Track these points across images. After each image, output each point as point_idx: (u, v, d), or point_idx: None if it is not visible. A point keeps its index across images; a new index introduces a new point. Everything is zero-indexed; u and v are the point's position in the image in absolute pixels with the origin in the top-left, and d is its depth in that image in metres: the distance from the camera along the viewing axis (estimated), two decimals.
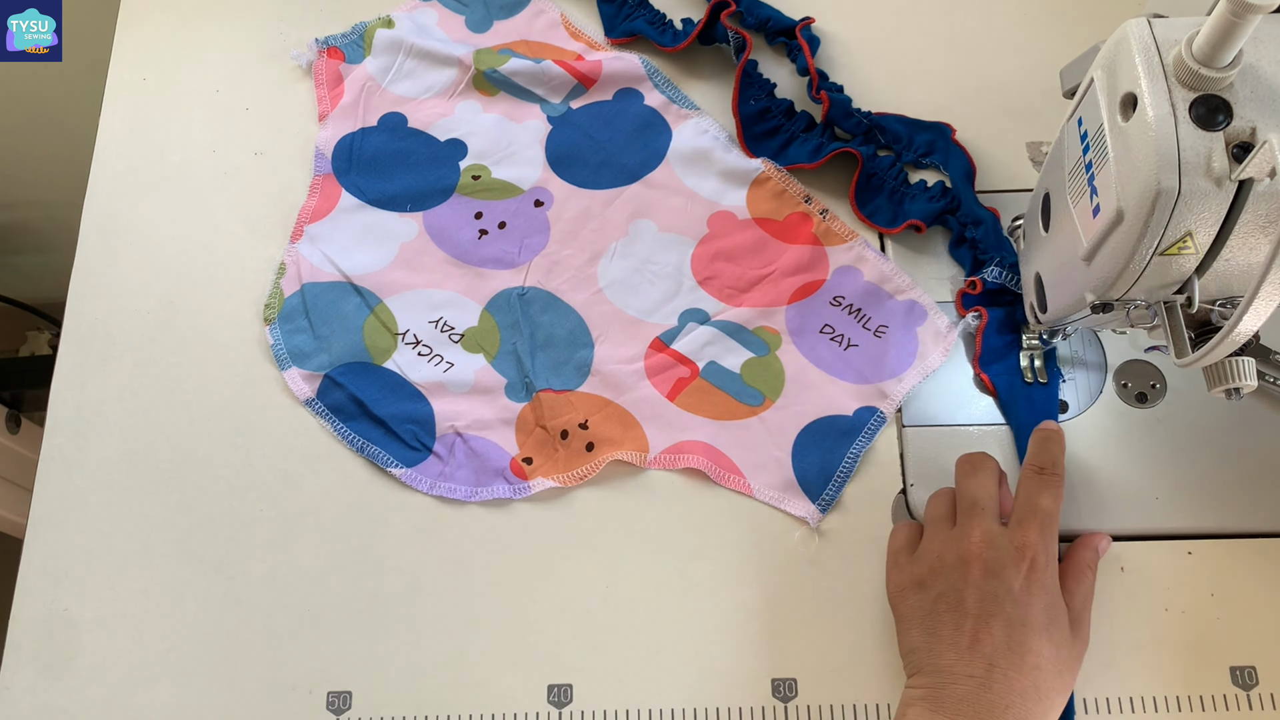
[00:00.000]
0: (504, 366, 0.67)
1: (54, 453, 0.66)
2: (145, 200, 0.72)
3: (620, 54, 0.74)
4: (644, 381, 0.66)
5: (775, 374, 0.66)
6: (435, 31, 0.77)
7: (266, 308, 0.69)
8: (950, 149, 0.70)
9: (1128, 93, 0.43)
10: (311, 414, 0.66)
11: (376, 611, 0.62)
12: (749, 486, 0.63)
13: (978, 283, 0.65)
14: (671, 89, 0.73)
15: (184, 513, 0.64)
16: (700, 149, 0.71)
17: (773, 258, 0.69)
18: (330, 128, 0.73)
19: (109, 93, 0.75)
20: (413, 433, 0.65)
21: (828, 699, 0.59)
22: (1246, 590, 0.60)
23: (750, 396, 0.65)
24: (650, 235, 0.70)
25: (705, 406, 0.65)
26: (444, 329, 0.68)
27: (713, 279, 0.68)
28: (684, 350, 0.67)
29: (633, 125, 0.73)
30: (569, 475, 0.63)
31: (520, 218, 0.71)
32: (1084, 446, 0.63)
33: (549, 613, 0.61)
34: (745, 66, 0.71)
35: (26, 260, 1.38)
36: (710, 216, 0.70)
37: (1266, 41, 0.41)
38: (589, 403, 0.66)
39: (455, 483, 0.64)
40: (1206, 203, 0.41)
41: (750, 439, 0.64)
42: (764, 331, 0.67)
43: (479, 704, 0.59)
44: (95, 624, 0.62)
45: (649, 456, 0.64)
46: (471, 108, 0.74)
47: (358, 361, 0.67)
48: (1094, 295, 0.48)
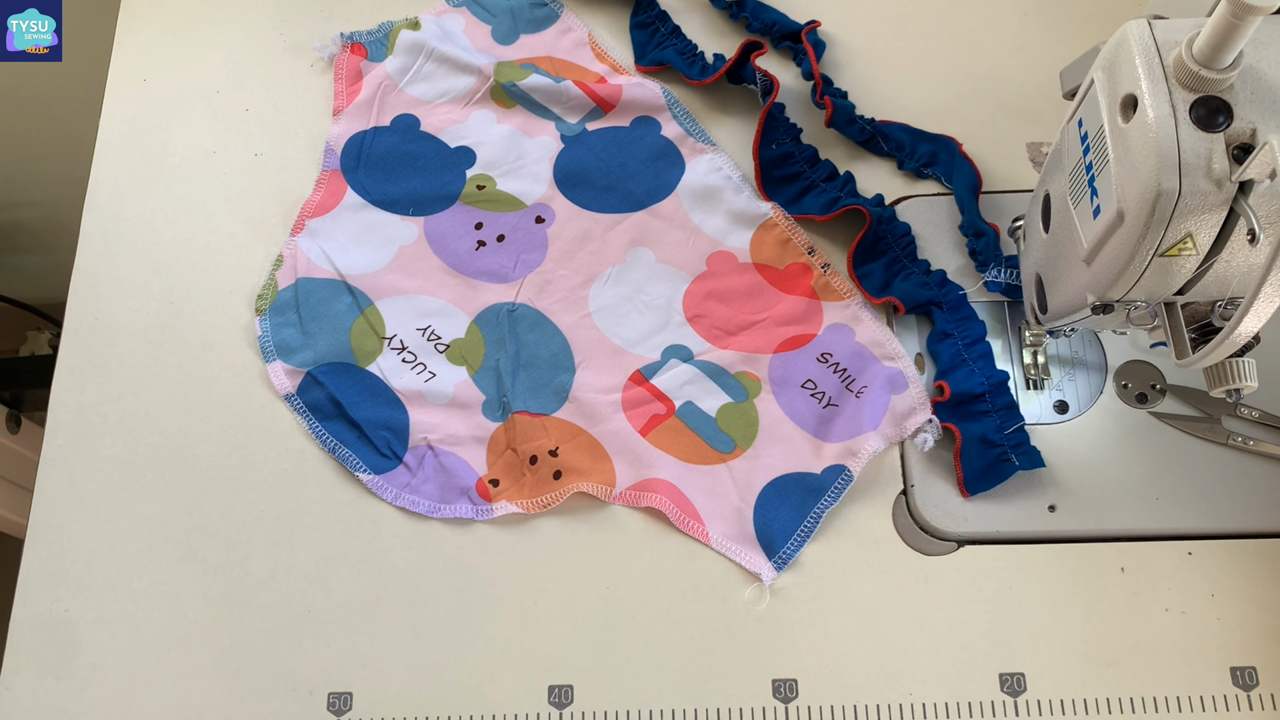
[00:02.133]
0: (484, 382, 0.66)
1: (54, 453, 0.66)
2: (145, 201, 0.72)
3: (643, 81, 0.73)
4: (619, 414, 0.65)
5: (750, 422, 0.65)
6: (460, 39, 0.76)
7: (259, 298, 0.69)
8: (955, 160, 0.69)
9: (1128, 94, 0.43)
10: (289, 410, 0.66)
11: (377, 612, 0.62)
12: (707, 535, 0.62)
13: (945, 388, 0.63)
14: (690, 121, 0.73)
15: (184, 513, 0.64)
16: (711, 186, 0.70)
17: (767, 305, 0.68)
18: (343, 123, 0.73)
19: (109, 94, 0.75)
20: (386, 440, 0.65)
21: (828, 699, 0.59)
22: (1247, 591, 0.60)
23: (722, 442, 0.64)
24: (647, 265, 0.69)
25: (676, 446, 0.65)
26: (431, 338, 0.68)
27: (702, 317, 0.67)
28: (663, 386, 0.66)
29: (646, 154, 0.72)
30: (533, 502, 0.63)
31: (520, 232, 0.70)
32: (1084, 447, 0.63)
33: (550, 613, 0.61)
34: (771, 110, 0.70)
35: (26, 260, 1.38)
36: (711, 255, 0.69)
37: (1267, 43, 0.41)
38: (562, 429, 0.65)
39: (420, 496, 0.64)
40: (1207, 204, 0.41)
41: (716, 486, 0.64)
42: (746, 377, 0.66)
43: (480, 705, 0.59)
44: (96, 624, 0.62)
45: (614, 492, 0.63)
46: (486, 118, 0.73)
47: (341, 362, 0.67)
48: (1094, 296, 0.48)
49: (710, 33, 0.77)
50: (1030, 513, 0.62)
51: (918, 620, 0.60)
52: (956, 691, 0.59)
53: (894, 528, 0.62)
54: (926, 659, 0.59)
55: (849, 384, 0.65)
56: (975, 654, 0.59)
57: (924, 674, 0.59)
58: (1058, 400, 0.64)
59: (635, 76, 0.74)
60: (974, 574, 0.61)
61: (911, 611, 0.60)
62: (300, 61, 0.76)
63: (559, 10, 0.77)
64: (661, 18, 0.76)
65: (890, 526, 0.62)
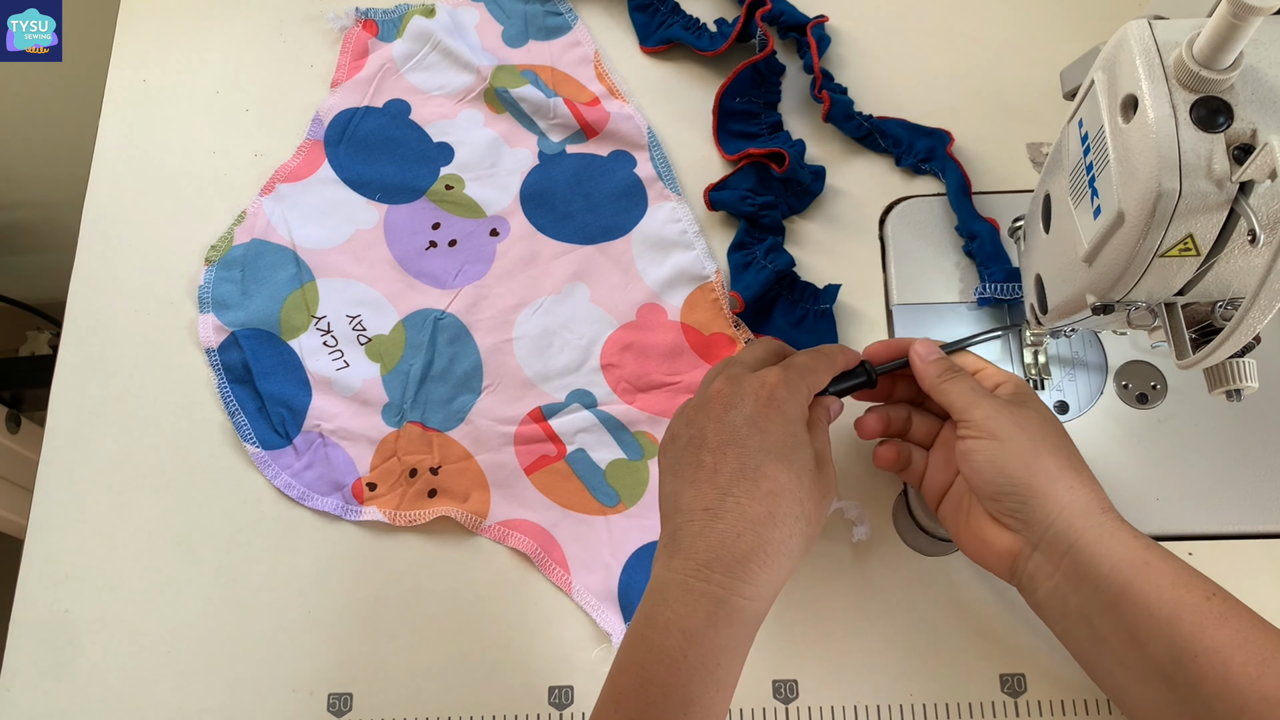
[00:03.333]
0: (392, 385, 0.66)
1: (54, 455, 0.66)
2: (145, 202, 0.72)
3: (632, 114, 0.72)
4: (509, 448, 0.65)
5: (639, 482, 0.64)
6: (470, 34, 0.76)
7: (212, 249, 0.69)
8: (949, 167, 0.69)
9: (1128, 94, 0.43)
10: (205, 364, 0.67)
11: (378, 613, 0.62)
12: (570, 585, 0.61)
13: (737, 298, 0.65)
14: (664, 166, 0.71)
15: (184, 514, 0.64)
16: (665, 236, 0.69)
17: (682, 369, 0.66)
18: (337, 97, 0.73)
19: (108, 95, 0.75)
20: (281, 417, 0.65)
21: (828, 700, 0.59)
22: (1248, 592, 0.59)
23: (606, 495, 0.64)
24: (580, 301, 0.68)
25: (558, 491, 0.64)
26: (357, 327, 0.67)
27: (615, 367, 0.66)
28: (558, 429, 0.65)
29: (614, 189, 0.71)
30: (399, 515, 0.63)
31: (472, 241, 0.70)
32: (1085, 447, 0.62)
33: (550, 614, 0.61)
34: (760, 68, 0.70)
35: (26, 260, 1.38)
36: (643, 305, 0.68)
37: (1267, 43, 0.41)
38: (449, 450, 0.65)
39: (297, 481, 0.64)
40: (1207, 204, 0.41)
41: (590, 537, 0.63)
42: (644, 437, 0.65)
43: (480, 706, 0.59)
44: (96, 625, 0.62)
45: (483, 523, 0.63)
46: (474, 118, 0.73)
47: (266, 330, 0.67)
48: (1095, 297, 0.48)
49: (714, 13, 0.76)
50: None
51: (918, 621, 0.60)
52: (957, 692, 0.59)
53: (893, 528, 0.62)
54: (927, 659, 0.59)
55: None
56: (976, 655, 0.59)
57: (924, 674, 0.59)
58: (1058, 400, 0.64)
59: (629, 106, 0.73)
60: (973, 575, 0.61)
61: (912, 612, 0.60)
62: (300, 63, 0.76)
63: (572, 21, 0.76)
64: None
65: (889, 527, 0.62)
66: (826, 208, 0.70)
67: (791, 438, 0.49)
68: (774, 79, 0.72)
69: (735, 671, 0.46)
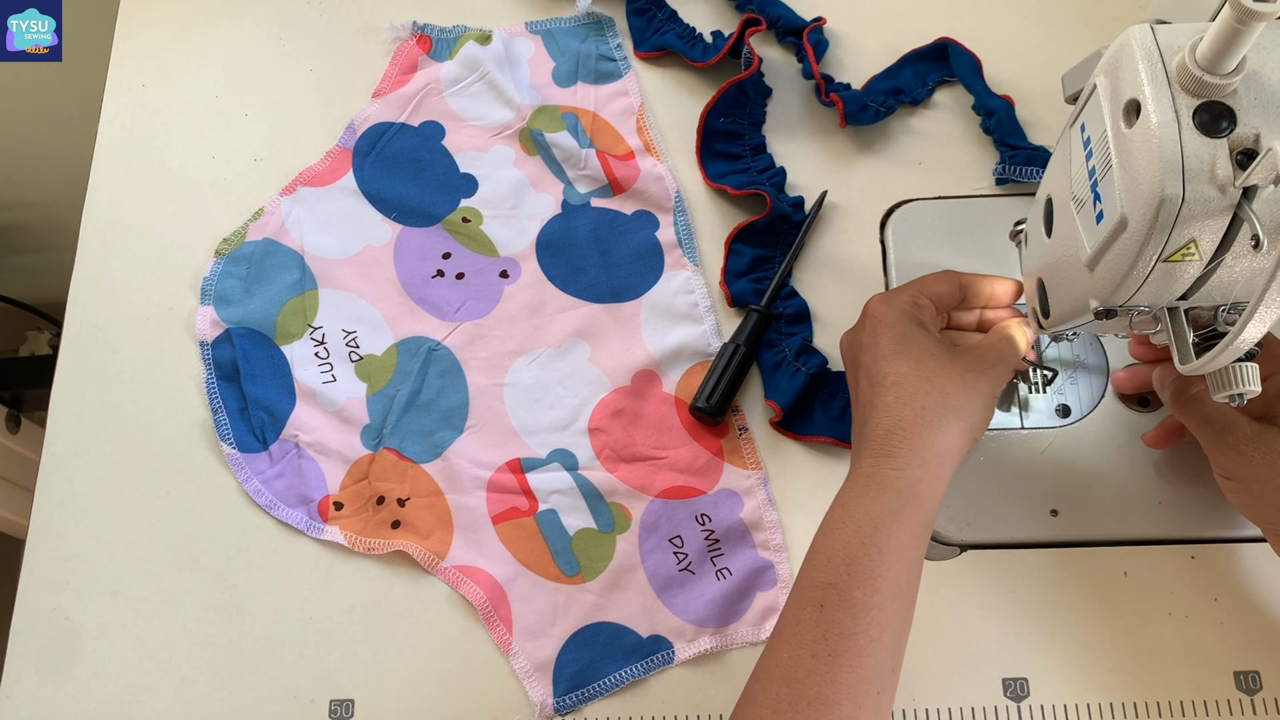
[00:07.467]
0: (374, 408, 0.66)
1: (55, 460, 0.66)
2: (144, 207, 0.72)
3: (664, 174, 0.71)
4: (480, 492, 0.64)
5: (604, 556, 0.62)
6: (522, 66, 0.74)
7: (224, 241, 0.69)
8: (953, 52, 0.71)
9: (1131, 99, 0.42)
10: (198, 356, 0.67)
11: (379, 619, 0.61)
12: (509, 646, 0.60)
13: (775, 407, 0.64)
14: (686, 233, 0.70)
15: (185, 520, 0.64)
16: (674, 307, 0.68)
17: (669, 444, 0.64)
18: (376, 108, 0.73)
19: (108, 99, 0.75)
20: (261, 422, 0.65)
21: None
22: (1250, 595, 0.60)
23: (568, 563, 0.62)
24: (579, 359, 0.67)
25: (521, 547, 0.62)
26: (350, 344, 0.67)
27: (601, 433, 0.65)
28: (534, 484, 0.64)
29: (633, 250, 0.69)
30: (359, 540, 0.62)
31: (480, 279, 0.69)
32: (1086, 450, 0.63)
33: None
34: (744, 87, 0.70)
35: (26, 260, 1.38)
36: (639, 371, 0.66)
37: (1270, 48, 0.41)
38: (421, 484, 0.64)
39: (268, 488, 0.64)
40: (1210, 209, 0.41)
41: (542, 602, 0.61)
42: (619, 509, 0.63)
43: (482, 711, 0.59)
44: (97, 631, 0.62)
45: (440, 564, 0.62)
46: (505, 155, 0.72)
47: (260, 333, 0.67)
48: (1098, 301, 0.47)
49: (713, 24, 0.76)
50: (1033, 517, 0.62)
51: (921, 625, 0.60)
52: (960, 696, 0.59)
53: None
54: (930, 664, 0.59)
55: (715, 556, 0.62)
56: (978, 659, 0.59)
57: (927, 679, 0.59)
58: (1060, 404, 0.64)
59: (661, 166, 0.71)
60: (977, 579, 0.61)
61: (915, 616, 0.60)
62: (300, 66, 0.76)
63: (624, 70, 0.74)
64: (658, 3, 0.76)
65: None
66: (827, 212, 0.70)
67: (900, 337, 0.55)
68: (759, 100, 0.72)
69: (899, 539, 0.50)
